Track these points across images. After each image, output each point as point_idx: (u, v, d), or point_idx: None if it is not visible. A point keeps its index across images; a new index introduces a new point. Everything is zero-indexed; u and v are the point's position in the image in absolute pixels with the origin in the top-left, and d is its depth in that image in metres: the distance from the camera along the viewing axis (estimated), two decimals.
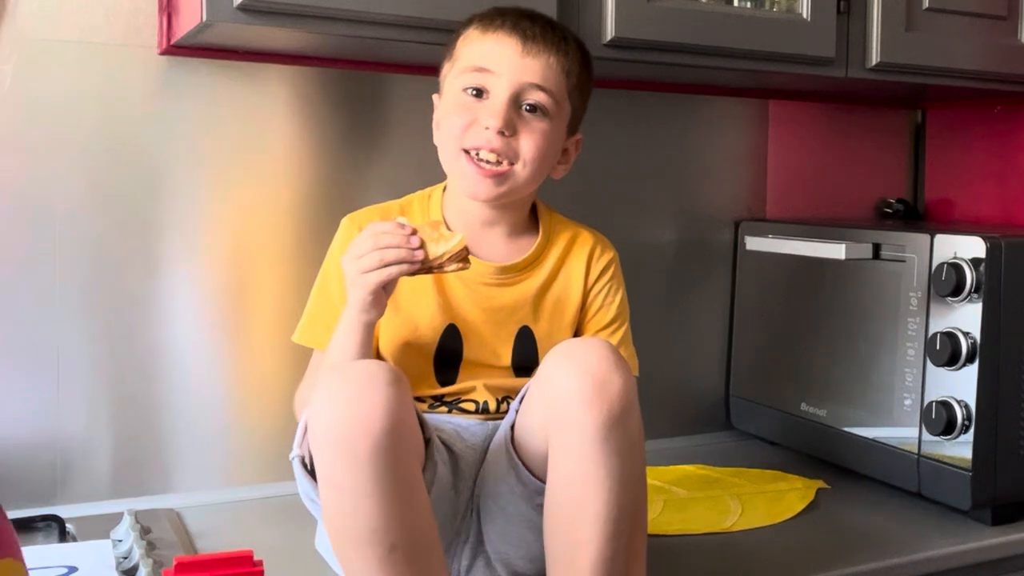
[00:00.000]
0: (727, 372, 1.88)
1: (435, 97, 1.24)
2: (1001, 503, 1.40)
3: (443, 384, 1.21)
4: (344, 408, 0.93)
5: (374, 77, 1.54)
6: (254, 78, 1.46)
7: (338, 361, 1.10)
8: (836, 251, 1.52)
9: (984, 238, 1.35)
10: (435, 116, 1.24)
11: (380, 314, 1.11)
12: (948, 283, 1.37)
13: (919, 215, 2.02)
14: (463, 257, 1.08)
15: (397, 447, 0.94)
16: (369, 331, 1.11)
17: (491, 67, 1.15)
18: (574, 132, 1.24)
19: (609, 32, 1.35)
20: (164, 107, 1.41)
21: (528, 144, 1.15)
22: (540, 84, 1.15)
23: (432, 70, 1.25)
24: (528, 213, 1.27)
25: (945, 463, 1.41)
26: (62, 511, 1.35)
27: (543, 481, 1.06)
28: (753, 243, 1.75)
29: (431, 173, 1.27)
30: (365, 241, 1.07)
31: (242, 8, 1.15)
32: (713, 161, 1.84)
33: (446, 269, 1.08)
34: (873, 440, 1.53)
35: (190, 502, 1.44)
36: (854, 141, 1.97)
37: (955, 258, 1.38)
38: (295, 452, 1.04)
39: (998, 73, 1.62)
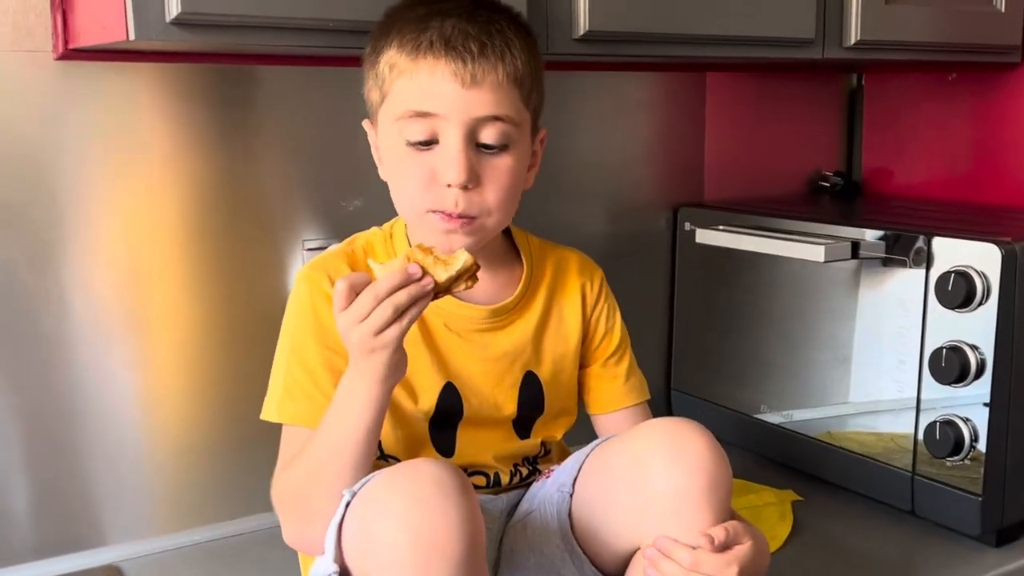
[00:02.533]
0: (668, 365, 1.77)
1: (367, 125, 1.05)
2: (1007, 525, 1.31)
3: (442, 451, 1.07)
4: (417, 528, 0.81)
5: (271, 70, 1.34)
6: (161, 78, 1.27)
7: (351, 441, 0.92)
8: (815, 253, 1.38)
9: (998, 244, 1.23)
10: (372, 146, 1.05)
11: (404, 374, 0.93)
12: (957, 294, 1.24)
13: (857, 190, 1.91)
14: (472, 274, 0.92)
15: (475, 566, 0.83)
16: (388, 398, 0.93)
17: (433, 110, 0.95)
18: (537, 132, 1.06)
19: (583, 25, 1.15)
20: (63, 117, 1.22)
21: (493, 190, 0.98)
22: (495, 115, 0.96)
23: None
24: (502, 239, 1.11)
25: (947, 484, 1.30)
26: None
27: None
28: (704, 236, 1.59)
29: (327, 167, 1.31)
30: (364, 300, 0.88)
31: (176, 23, 0.94)
32: (647, 142, 1.69)
33: (453, 290, 0.92)
34: (859, 455, 1.42)
35: (128, 554, 1.32)
36: (788, 110, 1.84)
37: (964, 266, 1.25)
38: (331, 569, 0.87)
39: (978, 44, 1.50)
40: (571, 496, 1.00)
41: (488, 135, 0.96)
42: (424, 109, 0.94)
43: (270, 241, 1.36)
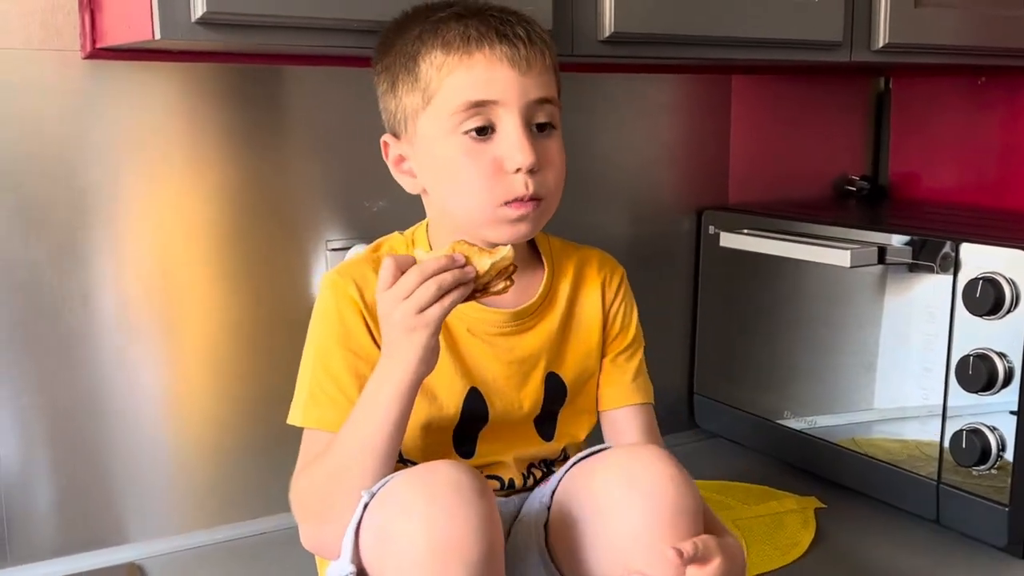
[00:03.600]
0: (690, 369, 1.76)
1: (388, 140, 1.04)
2: None
3: (464, 455, 1.06)
4: (435, 529, 0.81)
5: (297, 70, 1.34)
6: (189, 78, 1.28)
7: (377, 438, 0.92)
8: (841, 258, 1.37)
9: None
10: (394, 160, 1.04)
11: (433, 367, 0.93)
12: (985, 301, 1.23)
13: (884, 194, 1.89)
14: (509, 273, 0.93)
15: (493, 568, 0.83)
16: (416, 392, 0.93)
17: (493, 97, 0.95)
18: None
19: (608, 27, 1.14)
20: (91, 116, 1.22)
21: (552, 171, 1.00)
22: (545, 97, 0.98)
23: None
24: (525, 242, 1.09)
25: (973, 494, 1.29)
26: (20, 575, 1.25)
27: None
28: (729, 239, 1.58)
29: (354, 168, 1.32)
30: (410, 278, 0.89)
31: (202, 22, 0.94)
32: (672, 145, 1.68)
33: (491, 289, 0.93)
34: (884, 462, 1.41)
35: (150, 553, 1.32)
36: (814, 113, 1.83)
37: (992, 272, 1.23)
38: (348, 569, 0.87)
39: (1009, 48, 1.48)
40: (548, 509, 0.99)
41: (542, 116, 0.97)
42: (483, 98, 0.95)
43: (294, 241, 1.36)
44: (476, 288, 0.91)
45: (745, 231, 1.56)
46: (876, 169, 1.91)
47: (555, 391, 1.09)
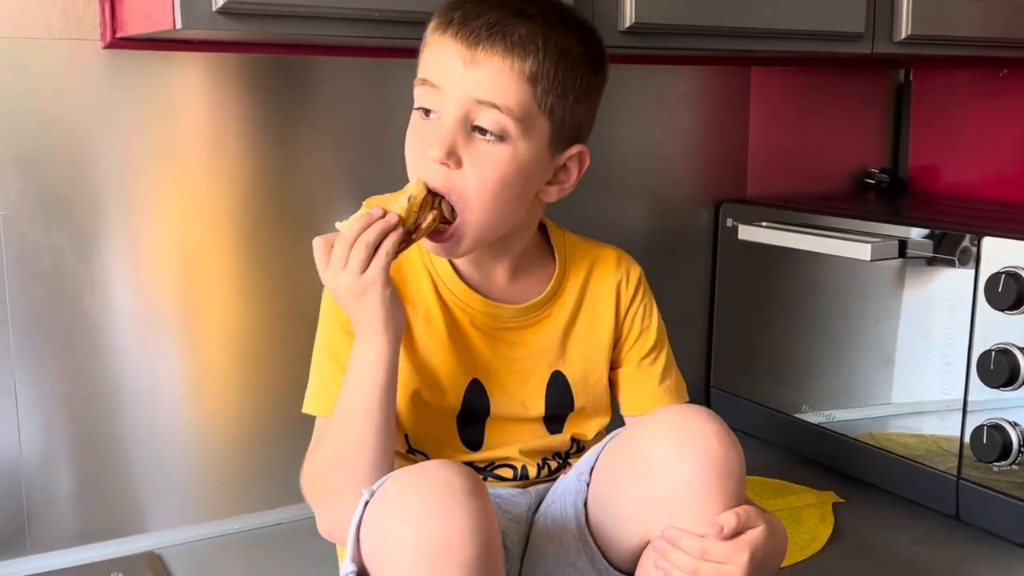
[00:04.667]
0: (707, 362, 1.76)
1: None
2: None
3: (470, 446, 1.06)
4: (428, 534, 0.80)
5: (316, 60, 1.34)
6: (209, 68, 1.28)
7: (365, 407, 0.93)
8: (861, 251, 1.36)
9: None
10: None
11: (404, 321, 0.96)
12: (1007, 295, 1.22)
13: (903, 187, 1.88)
14: (433, 204, 0.94)
15: (489, 568, 0.82)
16: (397, 352, 0.95)
17: (435, 80, 0.95)
18: (570, 145, 1.01)
19: (628, 17, 1.14)
20: (110, 105, 1.22)
21: (474, 176, 0.94)
22: (491, 101, 0.93)
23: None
24: (536, 236, 1.09)
25: (993, 489, 1.28)
26: (40, 562, 1.25)
27: (623, 572, 0.96)
28: (747, 232, 1.57)
29: (373, 159, 1.32)
30: (338, 250, 0.93)
31: (223, 12, 0.95)
32: (690, 137, 1.67)
33: (422, 225, 0.94)
34: (902, 457, 1.40)
35: (168, 542, 1.32)
36: (833, 106, 1.82)
37: (1015, 267, 1.22)
38: (349, 568, 0.87)
39: None
40: (588, 485, 0.98)
41: (483, 120, 0.93)
42: (427, 79, 0.96)
43: (313, 231, 1.33)
44: (408, 231, 0.93)
45: (763, 224, 1.56)
46: (895, 162, 1.90)
47: (560, 390, 1.08)
